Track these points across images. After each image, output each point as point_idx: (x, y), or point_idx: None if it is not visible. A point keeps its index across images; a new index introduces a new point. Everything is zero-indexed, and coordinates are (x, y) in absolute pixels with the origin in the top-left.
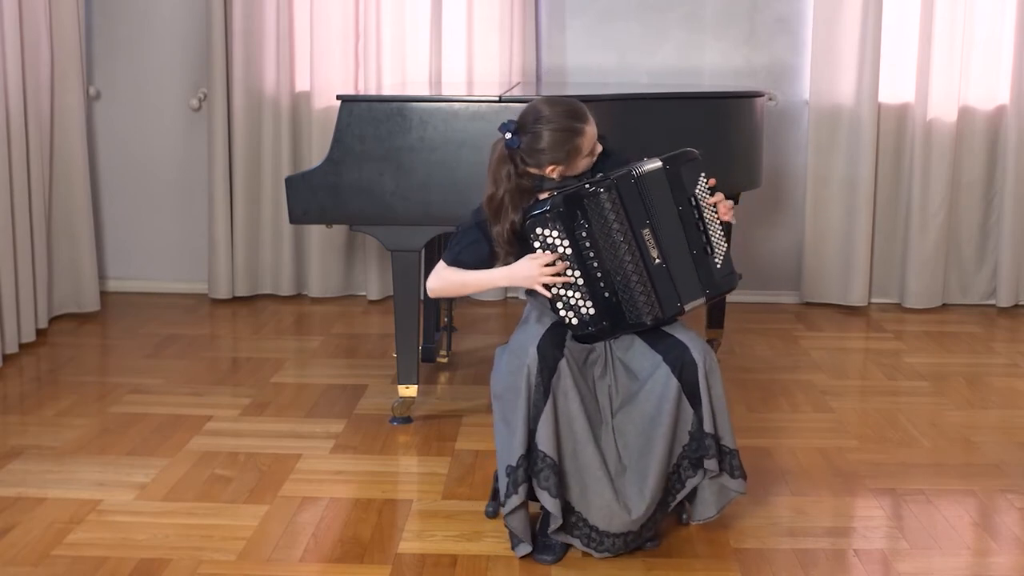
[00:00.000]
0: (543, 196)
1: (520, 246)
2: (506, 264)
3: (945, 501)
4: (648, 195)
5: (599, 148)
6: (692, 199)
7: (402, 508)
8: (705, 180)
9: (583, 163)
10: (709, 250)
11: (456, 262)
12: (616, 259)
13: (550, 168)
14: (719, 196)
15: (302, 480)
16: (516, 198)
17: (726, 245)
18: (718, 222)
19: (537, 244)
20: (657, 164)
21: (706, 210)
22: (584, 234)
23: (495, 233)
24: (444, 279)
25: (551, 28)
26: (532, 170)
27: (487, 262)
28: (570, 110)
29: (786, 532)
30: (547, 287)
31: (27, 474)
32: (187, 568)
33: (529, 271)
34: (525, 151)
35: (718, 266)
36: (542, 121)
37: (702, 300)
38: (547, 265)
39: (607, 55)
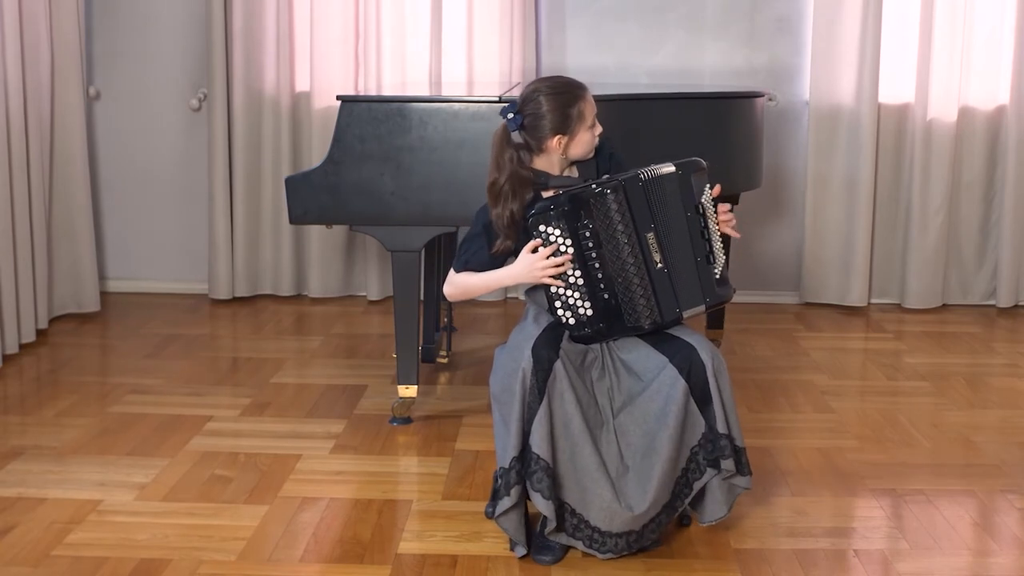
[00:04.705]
0: (548, 194)
1: (521, 234)
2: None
3: (945, 501)
4: (656, 199)
5: (599, 129)
6: (700, 207)
7: (402, 508)
8: (710, 189)
9: (586, 138)
10: (711, 259)
11: (465, 268)
12: (618, 261)
13: (555, 140)
14: (726, 207)
15: (302, 480)
16: (517, 184)
17: (724, 257)
18: (719, 233)
19: (539, 241)
20: (670, 169)
21: (710, 220)
22: (588, 234)
23: (495, 215)
24: (456, 285)
25: (551, 28)
26: (535, 158)
27: (493, 264)
28: (566, 79)
29: (786, 532)
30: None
31: (27, 474)
32: (187, 568)
33: (529, 263)
34: (528, 127)
35: (717, 276)
36: (540, 91)
37: (702, 308)
38: (547, 258)
39: (607, 55)
